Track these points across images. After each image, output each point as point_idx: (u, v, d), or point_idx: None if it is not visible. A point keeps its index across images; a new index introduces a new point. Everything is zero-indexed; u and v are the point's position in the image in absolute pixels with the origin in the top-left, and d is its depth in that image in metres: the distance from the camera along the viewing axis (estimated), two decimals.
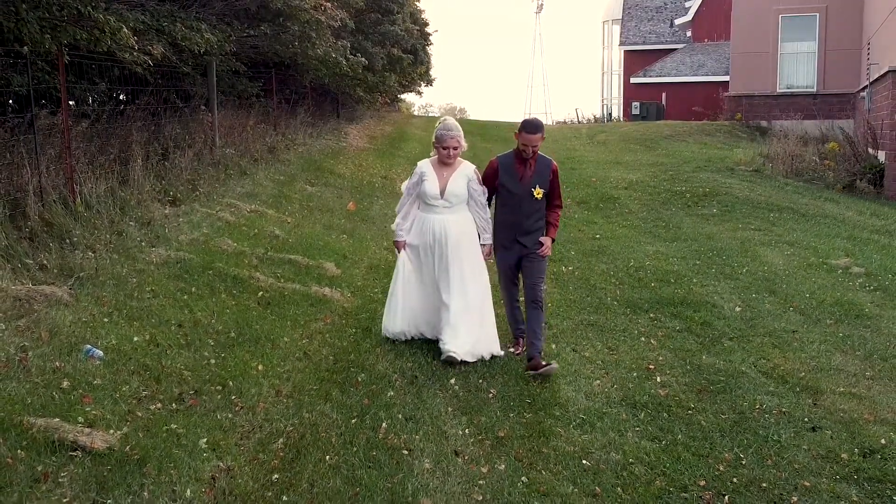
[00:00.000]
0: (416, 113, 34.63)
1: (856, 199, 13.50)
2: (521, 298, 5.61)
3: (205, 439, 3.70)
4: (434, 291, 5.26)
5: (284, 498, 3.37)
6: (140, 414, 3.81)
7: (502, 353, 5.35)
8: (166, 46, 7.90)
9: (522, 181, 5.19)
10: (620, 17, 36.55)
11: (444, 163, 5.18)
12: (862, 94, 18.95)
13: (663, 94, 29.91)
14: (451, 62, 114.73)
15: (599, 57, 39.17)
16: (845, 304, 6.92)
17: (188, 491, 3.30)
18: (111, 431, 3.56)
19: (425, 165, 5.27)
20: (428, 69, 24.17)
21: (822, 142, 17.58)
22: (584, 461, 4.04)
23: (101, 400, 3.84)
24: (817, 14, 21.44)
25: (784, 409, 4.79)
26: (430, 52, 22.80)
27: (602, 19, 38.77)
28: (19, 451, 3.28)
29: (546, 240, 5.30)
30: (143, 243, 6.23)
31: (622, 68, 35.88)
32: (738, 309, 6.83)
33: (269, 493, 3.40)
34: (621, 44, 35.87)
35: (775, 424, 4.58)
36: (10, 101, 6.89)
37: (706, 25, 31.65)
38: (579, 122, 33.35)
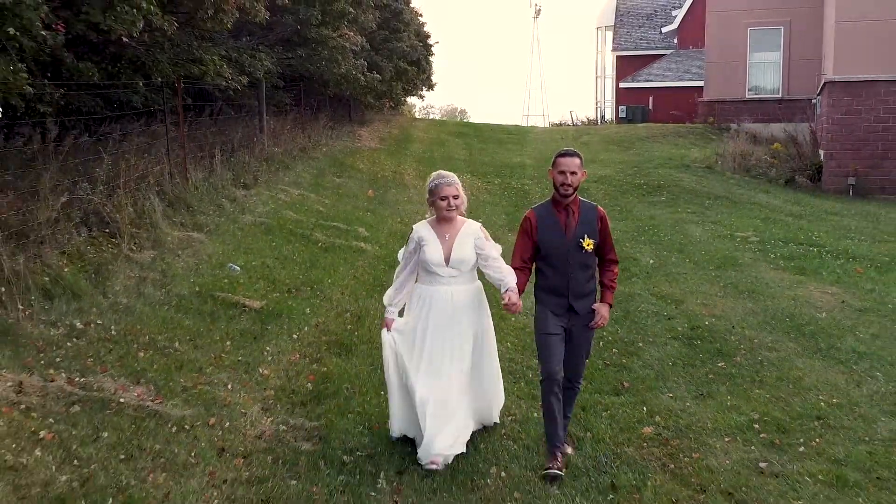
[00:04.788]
0: (417, 115, 37.81)
1: (790, 192, 16.64)
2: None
3: (307, 309, 6.87)
4: (442, 376, 4.52)
5: (356, 334, 6.51)
6: (269, 297, 6.98)
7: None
8: (235, 72, 11.04)
9: (567, 232, 4.46)
10: (613, 24, 39.67)
11: (446, 219, 4.54)
12: (814, 100, 22.13)
13: (650, 98, 33.05)
14: (452, 65, 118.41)
15: (593, 61, 42.30)
16: (728, 258, 10.07)
17: (305, 328, 6.46)
18: (258, 302, 6.72)
19: (422, 229, 4.59)
20: (429, 76, 27.37)
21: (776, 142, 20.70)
22: (525, 330, 7.15)
23: (247, 289, 7.00)
24: (782, 27, 24.49)
25: (655, 311, 7.92)
26: (431, 61, 26.01)
27: (596, 25, 41.90)
28: (217, 306, 6.44)
29: (601, 307, 4.58)
30: (235, 213, 9.40)
31: (615, 72, 39.05)
32: (651, 261, 9.98)
33: (347, 333, 6.55)
34: (613, 49, 39.00)
35: (647, 317, 7.71)
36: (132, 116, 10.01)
37: (691, 33, 34.72)
38: (573, 124, 36.46)
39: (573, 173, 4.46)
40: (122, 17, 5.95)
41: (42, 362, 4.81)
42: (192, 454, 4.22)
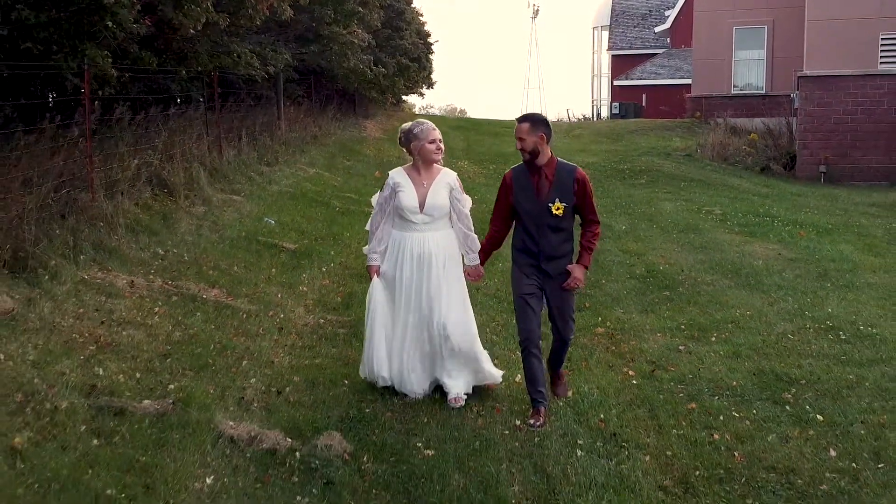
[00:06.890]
0: (417, 112, 39.61)
1: (764, 178, 18.37)
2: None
3: (332, 251, 8.62)
4: (415, 327, 4.82)
5: None
6: (301, 242, 8.72)
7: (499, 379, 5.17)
8: (261, 64, 12.78)
9: (538, 195, 4.58)
10: (609, 24, 41.49)
11: (427, 164, 4.75)
12: (793, 95, 23.91)
13: (643, 96, 34.87)
14: (451, 64, 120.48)
15: (590, 60, 44.09)
16: (690, 225, 11.80)
17: (331, 264, 8.21)
18: (292, 245, 8.47)
19: (398, 175, 4.83)
20: (430, 74, 29.17)
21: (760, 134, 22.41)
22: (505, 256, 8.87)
23: (282, 237, 8.75)
24: (765, 26, 26.21)
25: (620, 261, 9.64)
26: (431, 59, 27.82)
27: (592, 25, 43.73)
28: (260, 246, 8.19)
29: (576, 268, 4.68)
30: (263, 183, 11.16)
31: (610, 71, 40.87)
32: (623, 227, 11.71)
33: (365, 268, 8.27)
34: (609, 48, 40.84)
35: (612, 265, 9.42)
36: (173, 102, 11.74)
37: (683, 33, 36.45)
38: (570, 121, 38.22)
39: (521, 139, 4.55)
40: (189, 14, 7.67)
41: (141, 271, 6.55)
42: (261, 329, 5.96)
